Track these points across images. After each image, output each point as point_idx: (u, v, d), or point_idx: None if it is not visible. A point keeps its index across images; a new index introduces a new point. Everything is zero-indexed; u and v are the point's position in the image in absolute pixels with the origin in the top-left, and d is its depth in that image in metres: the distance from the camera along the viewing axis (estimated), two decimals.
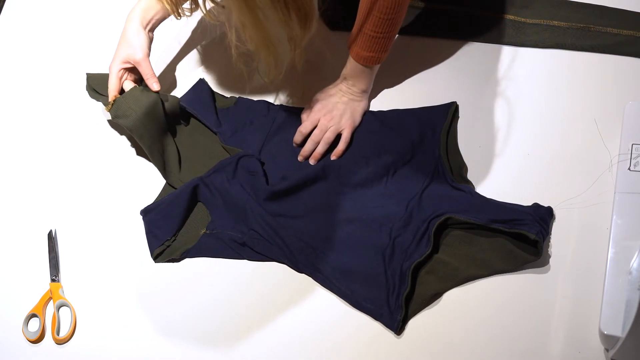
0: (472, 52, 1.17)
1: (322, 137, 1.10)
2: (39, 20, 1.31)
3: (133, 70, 1.12)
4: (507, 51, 1.17)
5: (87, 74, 1.17)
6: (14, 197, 1.13)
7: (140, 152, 1.15)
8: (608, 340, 0.89)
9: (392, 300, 0.96)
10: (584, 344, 0.93)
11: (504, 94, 1.13)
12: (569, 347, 0.93)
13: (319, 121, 1.11)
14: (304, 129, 1.11)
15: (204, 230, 1.06)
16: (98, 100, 1.15)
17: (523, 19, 1.19)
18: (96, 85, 1.16)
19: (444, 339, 0.95)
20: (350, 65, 1.09)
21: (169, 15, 1.11)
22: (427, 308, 0.97)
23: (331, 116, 1.11)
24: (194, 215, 1.08)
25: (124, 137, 1.17)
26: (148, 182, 1.12)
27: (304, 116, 1.14)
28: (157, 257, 1.05)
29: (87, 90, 1.17)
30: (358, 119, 1.12)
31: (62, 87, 1.21)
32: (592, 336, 0.92)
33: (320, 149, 1.10)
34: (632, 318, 0.81)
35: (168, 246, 1.05)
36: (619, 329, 0.87)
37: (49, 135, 1.18)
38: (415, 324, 0.97)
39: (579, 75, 1.13)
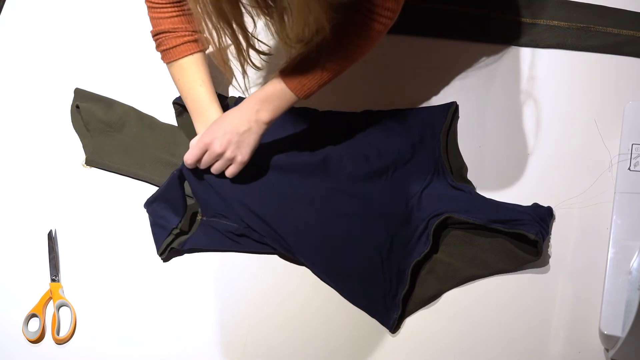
0: (472, 52, 1.17)
1: (211, 164, 1.01)
2: (39, 20, 1.31)
3: None
4: (507, 51, 1.17)
5: (75, 89, 1.17)
6: (14, 197, 1.13)
7: None
8: (608, 340, 0.89)
9: (389, 298, 0.96)
10: (584, 344, 0.93)
11: (503, 94, 1.13)
12: (569, 347, 0.93)
13: (210, 146, 0.99)
14: (189, 158, 0.99)
15: (200, 216, 1.05)
16: (81, 134, 1.16)
17: (523, 19, 1.19)
18: (85, 100, 1.17)
19: (443, 339, 0.95)
20: (274, 88, 0.97)
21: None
22: (425, 307, 0.97)
23: (221, 146, 0.98)
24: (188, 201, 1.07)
25: None
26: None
27: (192, 142, 1.01)
28: (166, 249, 1.04)
29: (71, 113, 1.17)
30: (246, 156, 0.99)
31: (62, 87, 1.21)
32: (592, 336, 0.92)
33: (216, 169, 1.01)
34: (632, 318, 0.81)
35: (176, 235, 1.04)
36: (619, 329, 0.87)
37: (49, 135, 1.18)
38: (413, 323, 0.97)
39: (579, 75, 1.13)
